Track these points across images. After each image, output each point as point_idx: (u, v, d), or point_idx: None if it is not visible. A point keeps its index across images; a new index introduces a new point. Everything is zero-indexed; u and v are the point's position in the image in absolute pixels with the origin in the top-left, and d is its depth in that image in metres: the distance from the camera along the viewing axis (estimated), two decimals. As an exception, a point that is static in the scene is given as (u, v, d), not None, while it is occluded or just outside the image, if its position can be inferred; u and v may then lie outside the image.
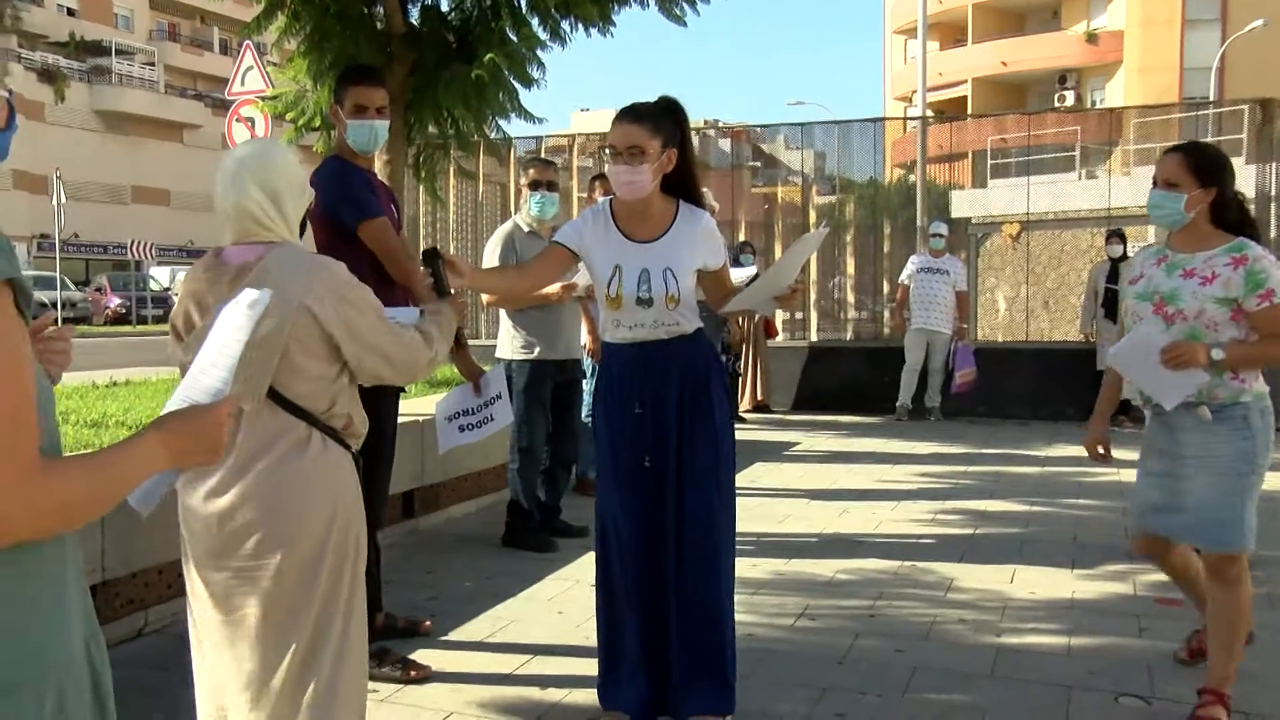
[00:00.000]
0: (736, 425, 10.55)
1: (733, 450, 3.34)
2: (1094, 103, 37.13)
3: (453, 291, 2.94)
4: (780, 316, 12.11)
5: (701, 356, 3.33)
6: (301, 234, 2.65)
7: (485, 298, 5.70)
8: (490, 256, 5.63)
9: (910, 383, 11.00)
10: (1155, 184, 3.38)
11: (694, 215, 3.29)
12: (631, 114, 3.19)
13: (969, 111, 34.81)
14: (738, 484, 3.41)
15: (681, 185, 3.31)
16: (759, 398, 11.59)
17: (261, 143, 2.69)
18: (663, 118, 3.20)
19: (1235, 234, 3.35)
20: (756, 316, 11.21)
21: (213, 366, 1.75)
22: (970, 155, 20.69)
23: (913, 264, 10.99)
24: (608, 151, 3.23)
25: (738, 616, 4.46)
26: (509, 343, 5.70)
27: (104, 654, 1.59)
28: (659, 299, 3.24)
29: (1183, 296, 3.33)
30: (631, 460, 3.30)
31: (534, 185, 5.65)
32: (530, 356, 5.63)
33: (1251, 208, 4.12)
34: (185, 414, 1.63)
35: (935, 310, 10.69)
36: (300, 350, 2.44)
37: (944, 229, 11.02)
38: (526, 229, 5.66)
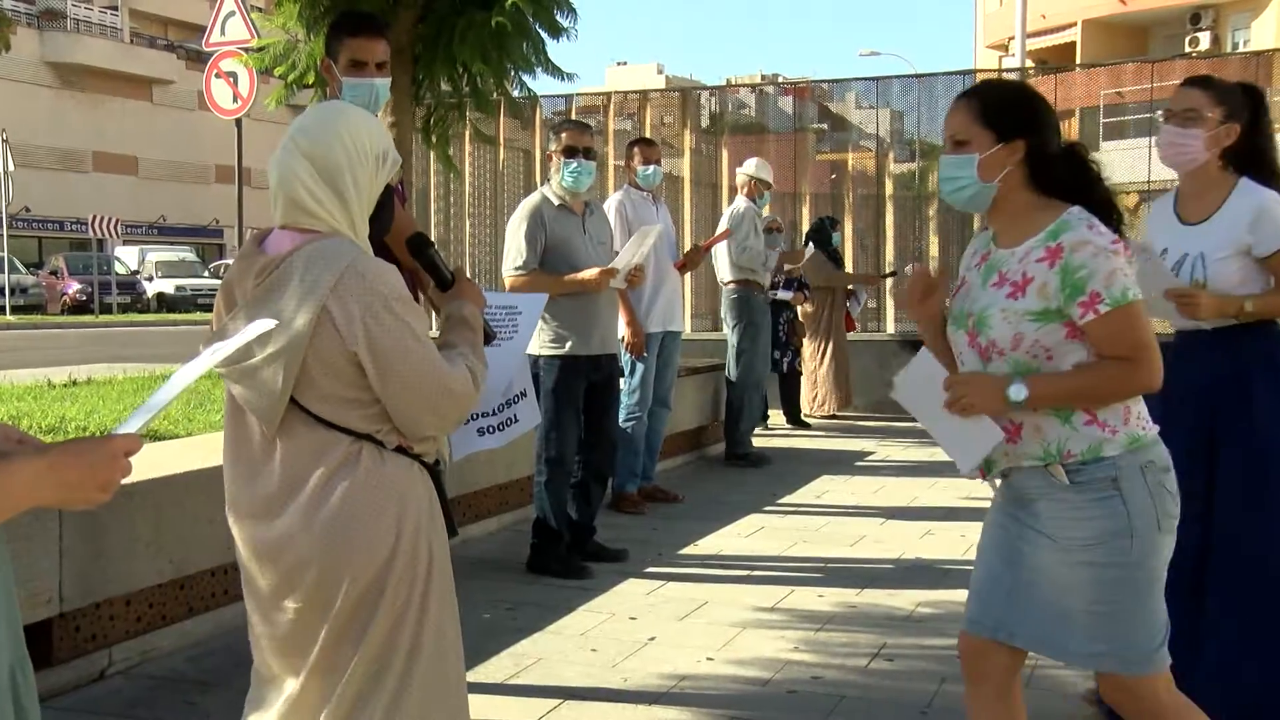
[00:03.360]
0: (800, 434, 10.61)
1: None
2: (1236, 45, 36.34)
3: (453, 277, 2.82)
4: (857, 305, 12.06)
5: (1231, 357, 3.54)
6: (385, 224, 2.60)
7: (509, 280, 5.76)
8: (514, 235, 5.70)
9: (1004, 383, 10.87)
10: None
11: (1248, 191, 3.46)
12: (1195, 79, 3.54)
13: (1077, 60, 34.42)
14: (798, 499, 3.44)
15: (1252, 167, 3.52)
16: (840, 403, 11.41)
17: (330, 106, 2.67)
18: (1230, 90, 3.51)
19: (1073, 199, 2.65)
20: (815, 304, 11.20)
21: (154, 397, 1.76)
22: (1078, 113, 20.45)
23: (1008, 243, 10.89)
24: (1161, 114, 3.54)
25: (799, 655, 4.52)
26: (535, 335, 5.75)
27: (31, 684, 1.68)
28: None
29: (991, 319, 2.67)
30: None
31: (569, 152, 5.71)
32: (560, 351, 5.71)
33: None
34: (76, 444, 1.71)
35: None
36: (320, 368, 2.40)
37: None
38: (557, 202, 5.73)
